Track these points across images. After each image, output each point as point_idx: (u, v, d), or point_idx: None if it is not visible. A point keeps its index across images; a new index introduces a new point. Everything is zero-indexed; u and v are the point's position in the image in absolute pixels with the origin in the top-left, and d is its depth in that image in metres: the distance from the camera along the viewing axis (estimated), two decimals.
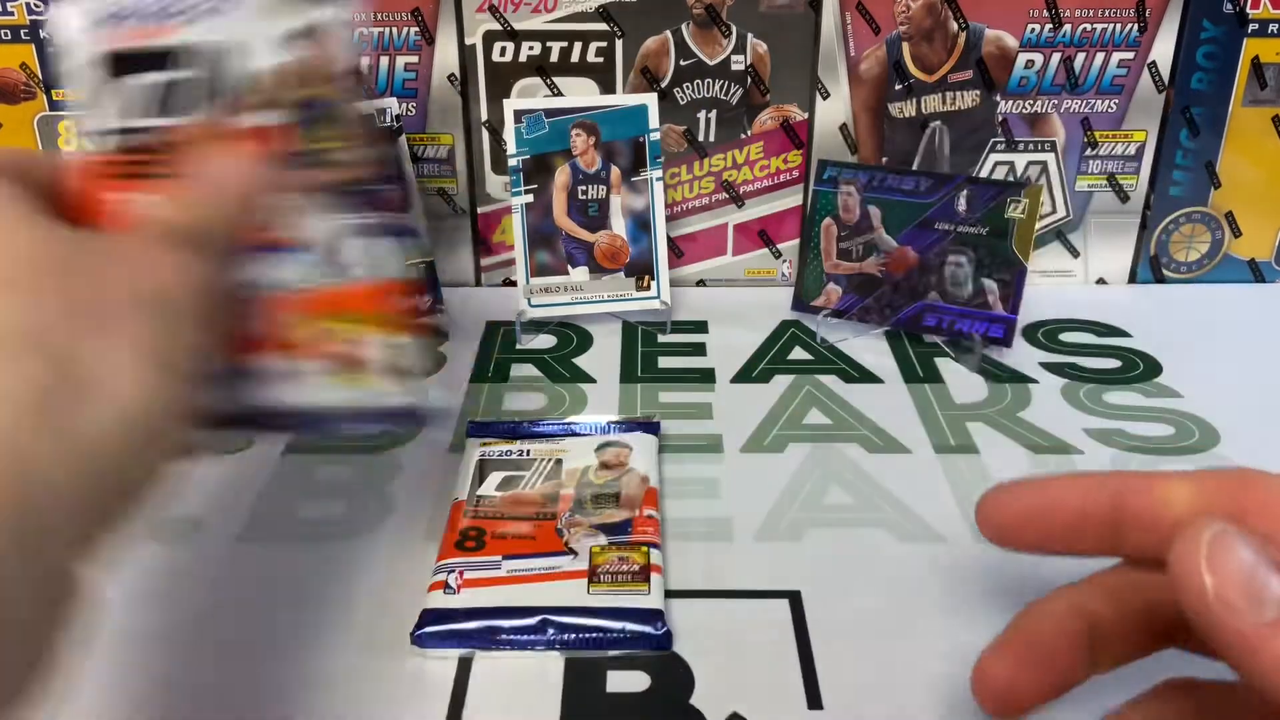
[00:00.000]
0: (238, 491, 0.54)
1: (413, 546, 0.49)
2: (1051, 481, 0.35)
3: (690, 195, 0.75)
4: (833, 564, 0.48)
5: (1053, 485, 0.34)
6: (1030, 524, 0.34)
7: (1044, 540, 0.34)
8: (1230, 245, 0.76)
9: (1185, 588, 0.27)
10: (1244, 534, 0.28)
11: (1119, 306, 0.74)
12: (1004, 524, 0.35)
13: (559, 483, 0.51)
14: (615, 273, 0.69)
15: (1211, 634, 0.27)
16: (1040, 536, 0.34)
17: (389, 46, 0.71)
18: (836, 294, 0.69)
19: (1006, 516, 0.35)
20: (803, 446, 0.57)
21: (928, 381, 0.64)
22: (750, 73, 0.71)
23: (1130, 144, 0.73)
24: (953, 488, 0.54)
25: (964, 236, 0.65)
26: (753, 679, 0.42)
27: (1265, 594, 0.27)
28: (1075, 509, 0.33)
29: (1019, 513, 0.34)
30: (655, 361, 0.66)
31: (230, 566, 0.48)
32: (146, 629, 0.44)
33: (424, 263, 0.69)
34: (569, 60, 0.71)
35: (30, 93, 0.73)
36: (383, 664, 0.42)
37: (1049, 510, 0.34)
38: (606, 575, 0.45)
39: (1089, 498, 0.33)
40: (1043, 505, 0.34)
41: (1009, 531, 0.35)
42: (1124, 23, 0.69)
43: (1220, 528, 0.28)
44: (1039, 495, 0.34)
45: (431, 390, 0.62)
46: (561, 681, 0.41)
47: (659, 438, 0.56)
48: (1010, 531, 0.35)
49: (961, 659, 0.42)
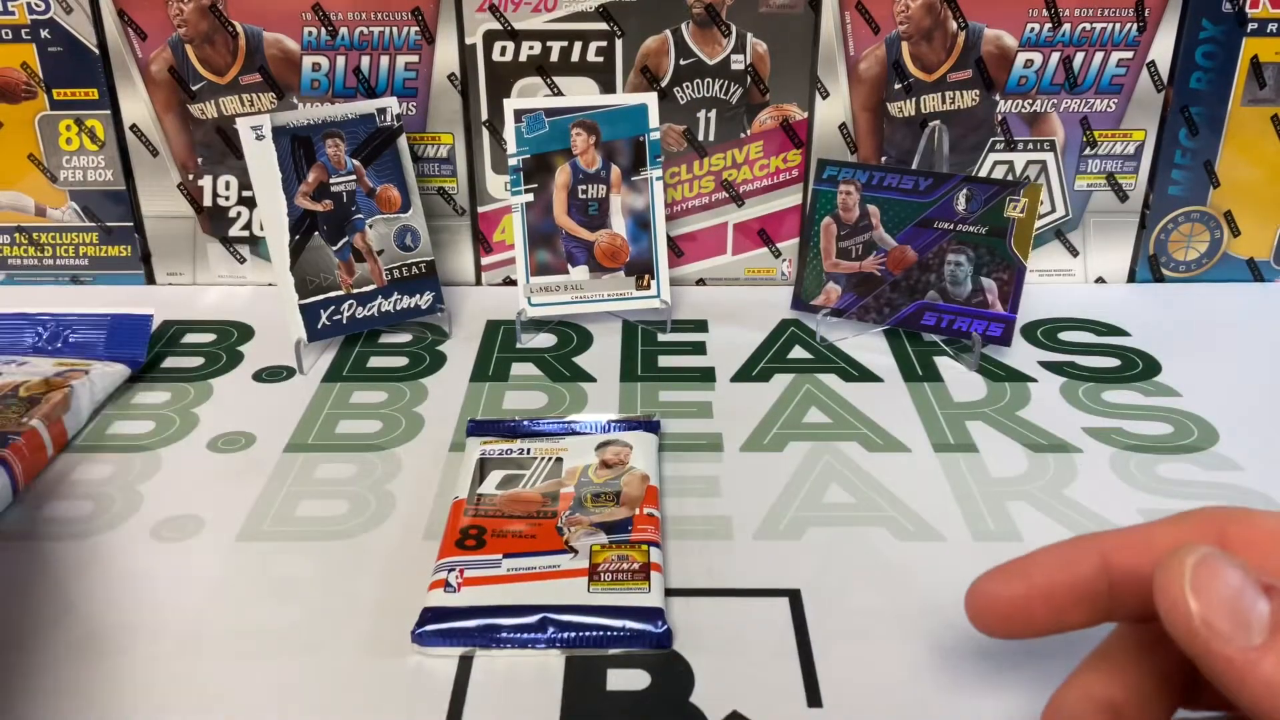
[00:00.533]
0: (238, 490, 0.54)
1: (413, 545, 0.49)
2: (1035, 563, 0.33)
3: (690, 194, 0.75)
4: (832, 562, 0.48)
5: (1037, 568, 0.33)
6: (1024, 613, 0.33)
7: (1042, 626, 0.33)
8: (1229, 244, 0.76)
9: (1171, 615, 0.27)
10: (1228, 557, 0.27)
11: (1118, 305, 0.74)
12: (997, 620, 0.34)
13: (559, 481, 0.51)
14: (615, 272, 0.69)
15: (1200, 660, 0.27)
16: (1038, 624, 0.33)
17: (389, 46, 0.71)
18: (836, 293, 0.69)
19: (999, 612, 0.34)
20: (802, 445, 0.57)
21: (927, 380, 0.64)
22: (750, 72, 0.72)
23: (1129, 143, 0.73)
24: (952, 486, 0.54)
25: (963, 235, 0.65)
26: (752, 677, 0.42)
27: (1251, 617, 0.26)
28: (1066, 586, 0.32)
29: (1011, 604, 0.33)
30: (655, 360, 0.67)
31: (231, 565, 0.48)
32: (147, 628, 0.44)
33: (425, 262, 0.69)
34: (569, 60, 0.71)
35: (31, 92, 0.73)
36: (383, 663, 0.43)
37: (1042, 595, 0.33)
38: (607, 574, 0.45)
39: (1077, 570, 0.32)
40: (1033, 592, 0.33)
41: (1003, 625, 0.34)
42: (1123, 22, 0.70)
43: (1204, 552, 0.27)
44: (1026, 582, 0.33)
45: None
46: (561, 679, 0.42)
47: (659, 436, 0.56)
48: (1005, 624, 0.34)
49: (962, 657, 0.43)
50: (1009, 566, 0.34)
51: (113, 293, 0.77)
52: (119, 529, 0.51)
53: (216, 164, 0.75)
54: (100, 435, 0.59)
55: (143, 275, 0.78)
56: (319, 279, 0.67)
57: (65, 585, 0.47)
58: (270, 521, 0.51)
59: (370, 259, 0.68)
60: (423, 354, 0.68)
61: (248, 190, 0.75)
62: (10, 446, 0.53)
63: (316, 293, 0.66)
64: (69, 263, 0.78)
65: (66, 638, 0.44)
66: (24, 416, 0.55)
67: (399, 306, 0.69)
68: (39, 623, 0.45)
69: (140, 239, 0.77)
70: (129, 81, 0.72)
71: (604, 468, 0.52)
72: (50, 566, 0.48)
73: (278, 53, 0.71)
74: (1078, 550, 0.33)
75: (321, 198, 0.66)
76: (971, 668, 0.42)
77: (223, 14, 0.70)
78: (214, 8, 0.70)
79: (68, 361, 0.63)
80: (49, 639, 0.44)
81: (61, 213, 0.76)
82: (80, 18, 0.71)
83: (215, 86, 0.72)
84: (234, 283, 0.78)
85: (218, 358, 0.67)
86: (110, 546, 0.50)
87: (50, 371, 0.61)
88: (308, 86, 0.72)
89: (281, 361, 0.67)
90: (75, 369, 0.61)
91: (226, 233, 0.77)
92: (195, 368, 0.66)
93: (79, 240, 0.77)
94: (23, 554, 0.49)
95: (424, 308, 0.69)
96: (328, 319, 0.67)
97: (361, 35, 0.71)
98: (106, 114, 0.73)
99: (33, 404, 0.57)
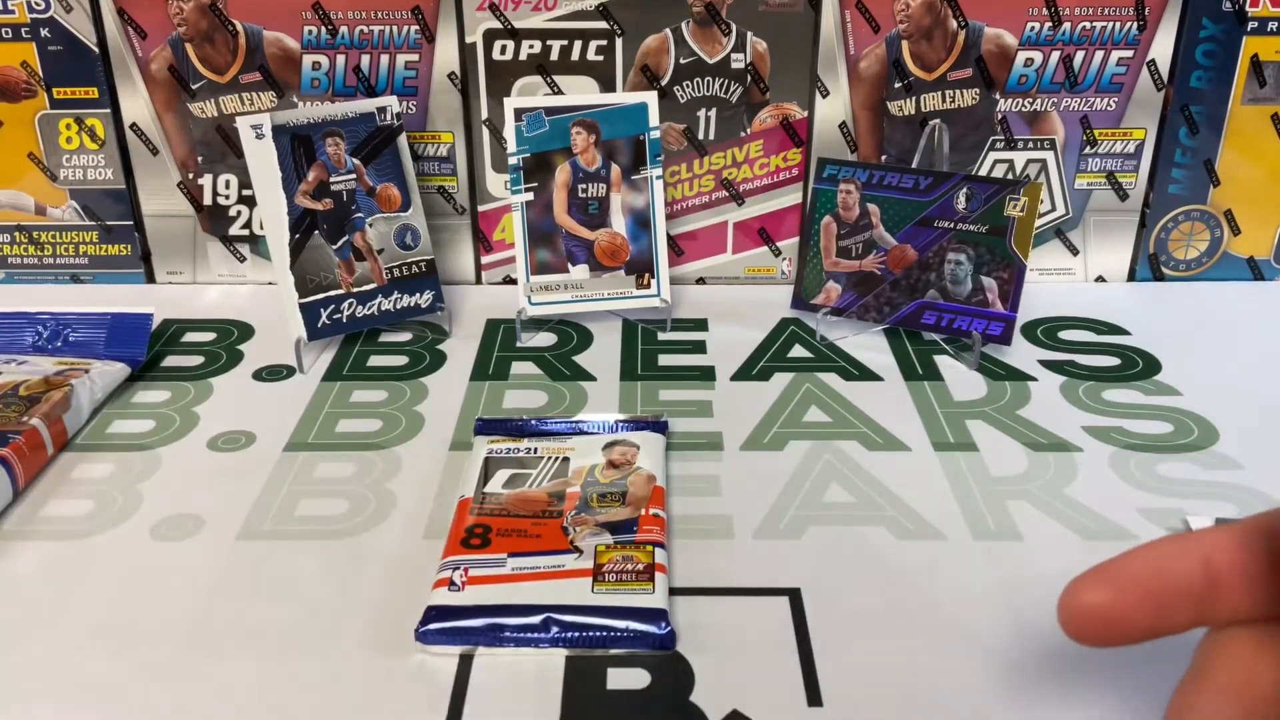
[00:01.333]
0: (238, 489, 0.54)
1: (413, 544, 0.49)
2: (1129, 567, 0.31)
3: (690, 193, 0.75)
4: (832, 561, 0.48)
5: (1132, 571, 0.31)
6: (1123, 619, 0.31)
7: (1142, 631, 0.31)
8: (1229, 243, 0.76)
9: None
10: None
11: (1118, 304, 0.74)
12: (1097, 627, 0.31)
13: (565, 481, 0.51)
14: (615, 271, 0.69)
15: None
16: (1137, 629, 0.31)
17: (389, 45, 0.71)
18: (836, 292, 0.69)
19: (1098, 618, 0.31)
20: (802, 444, 0.57)
21: (927, 379, 0.64)
22: (750, 71, 0.72)
23: (1129, 142, 0.73)
24: (952, 485, 0.54)
25: (963, 234, 0.65)
26: (753, 676, 0.42)
27: None
28: (1167, 587, 0.31)
29: (1110, 610, 0.31)
30: (655, 359, 0.67)
31: (231, 564, 0.48)
32: (146, 628, 0.44)
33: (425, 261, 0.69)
34: (569, 58, 0.71)
35: (31, 91, 0.73)
36: (383, 662, 0.43)
37: (1142, 599, 0.31)
38: (611, 574, 0.45)
39: (1177, 570, 0.30)
40: (1132, 596, 0.31)
41: (1103, 633, 0.31)
42: (1123, 21, 0.70)
43: None
44: (1123, 586, 0.31)
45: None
46: (562, 678, 0.42)
47: (666, 436, 0.56)
48: (1105, 632, 0.31)
49: (962, 656, 0.43)
50: (1102, 571, 0.32)
51: (113, 291, 0.77)
52: (119, 528, 0.51)
53: (216, 163, 0.75)
54: (100, 434, 0.59)
55: (143, 274, 0.78)
56: (319, 278, 0.67)
57: (65, 585, 0.47)
58: (270, 521, 0.51)
59: (370, 258, 0.68)
60: (423, 353, 0.68)
61: (248, 189, 0.75)
62: (10, 445, 0.53)
63: (316, 291, 0.66)
64: (69, 262, 0.78)
65: (66, 638, 0.44)
66: (24, 415, 0.55)
67: (399, 305, 0.69)
68: (39, 623, 0.45)
69: (140, 238, 0.77)
70: (129, 80, 0.72)
71: (610, 468, 0.52)
72: (50, 566, 0.48)
73: (278, 51, 0.71)
74: (1175, 549, 0.31)
75: (321, 196, 0.66)
76: (971, 668, 0.42)
77: (222, 13, 0.70)
78: (214, 6, 0.70)
79: (68, 360, 0.63)
80: (49, 639, 0.44)
81: (61, 211, 0.76)
82: (80, 16, 0.71)
83: (215, 85, 0.72)
84: (234, 281, 0.78)
85: (218, 357, 0.67)
86: (110, 546, 0.50)
87: (50, 370, 0.61)
88: (308, 85, 0.72)
89: (281, 360, 0.67)
90: (75, 368, 0.61)
91: (226, 231, 0.77)
92: (195, 367, 0.66)
93: (79, 239, 0.77)
94: (23, 554, 0.49)
95: (424, 307, 0.69)
96: (328, 318, 0.67)
97: (361, 34, 0.71)
98: (106, 113, 0.73)
99: (33, 403, 0.57)
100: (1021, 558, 0.48)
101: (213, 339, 0.70)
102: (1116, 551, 0.32)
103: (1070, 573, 0.33)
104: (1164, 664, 0.42)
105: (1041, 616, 0.45)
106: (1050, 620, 0.44)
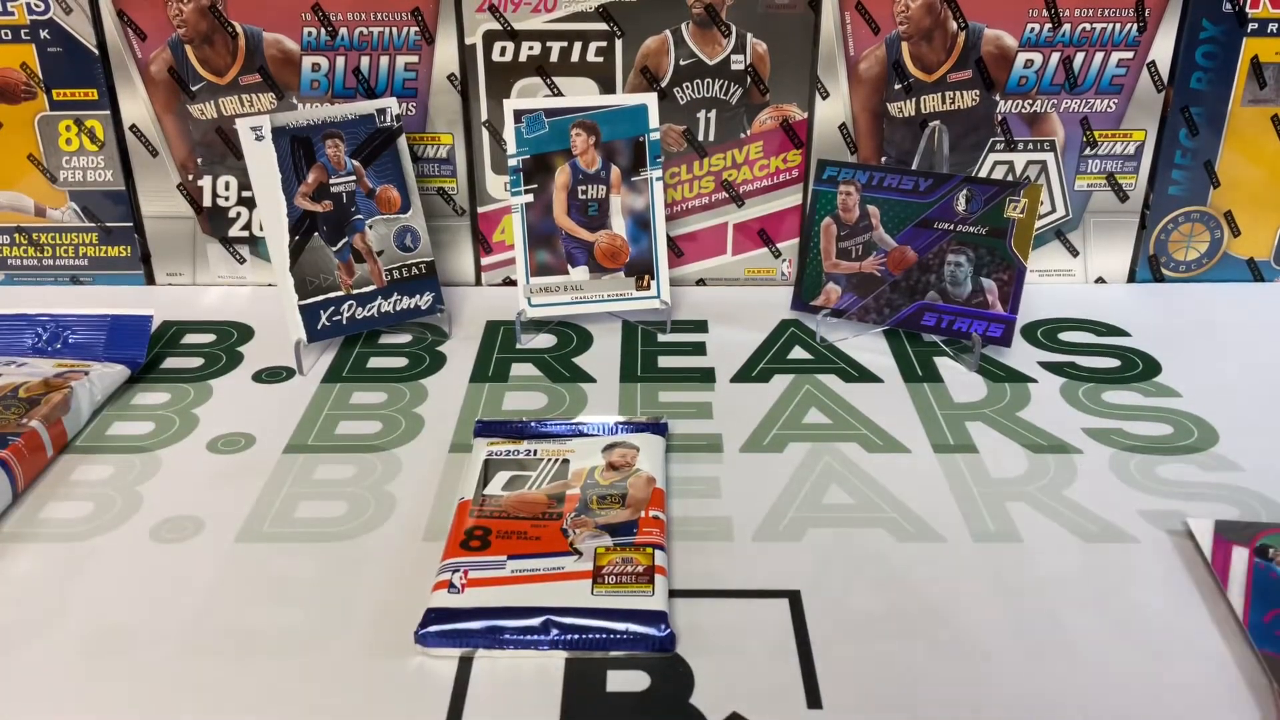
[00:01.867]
0: (237, 491, 0.54)
1: (412, 546, 0.49)
2: None
3: (690, 195, 0.75)
4: (832, 563, 0.48)
5: None
6: None
7: None
8: (1229, 244, 0.76)
9: None
10: None
11: (1118, 306, 0.74)
12: None
13: (565, 483, 0.51)
14: (615, 272, 0.69)
15: None
16: None
17: (389, 46, 0.71)
18: (836, 293, 0.69)
19: None
20: (802, 446, 0.57)
21: (927, 381, 0.64)
22: (750, 72, 0.72)
23: (1129, 143, 0.73)
24: (952, 487, 0.54)
25: (963, 236, 0.65)
26: (752, 678, 0.42)
27: None
28: None
29: None
30: (655, 361, 0.66)
31: (231, 566, 0.48)
32: (146, 628, 0.44)
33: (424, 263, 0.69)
34: (569, 60, 0.71)
35: (30, 92, 0.73)
36: (383, 663, 0.43)
37: None
38: (610, 576, 0.45)
39: None
40: None
41: None
42: (1123, 22, 0.70)
43: None
44: None
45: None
46: (561, 680, 0.42)
47: (666, 438, 0.56)
48: None
49: (962, 658, 0.43)
50: None
51: (112, 293, 0.77)
52: (118, 530, 0.51)
53: (216, 164, 0.75)
54: (100, 436, 0.59)
55: (142, 275, 0.78)
56: (319, 279, 0.67)
57: (65, 587, 0.47)
58: (270, 522, 0.51)
59: (370, 259, 0.68)
60: (422, 355, 0.68)
61: (247, 190, 0.75)
62: (10, 447, 0.53)
63: (316, 293, 0.66)
64: (69, 263, 0.78)
65: (66, 639, 0.44)
66: (23, 417, 0.55)
67: (399, 307, 0.69)
68: (39, 624, 0.45)
69: (140, 239, 0.77)
70: (129, 82, 0.72)
71: (610, 470, 0.52)
72: (50, 568, 0.48)
73: (277, 53, 0.71)
74: None
75: (321, 198, 0.66)
76: (971, 669, 0.42)
77: (222, 14, 0.70)
78: (213, 8, 0.70)
79: (67, 362, 0.63)
80: (49, 639, 0.44)
81: (61, 213, 0.76)
82: (80, 18, 0.71)
83: (215, 87, 0.72)
84: (234, 283, 0.78)
85: (217, 358, 0.67)
86: (110, 548, 0.50)
87: (50, 372, 0.61)
88: (307, 87, 0.72)
89: (281, 362, 0.67)
90: (75, 370, 0.61)
91: (226, 233, 0.77)
92: (195, 368, 0.66)
93: (79, 240, 0.77)
94: (22, 556, 0.49)
95: (424, 308, 0.69)
96: (327, 319, 0.67)
97: (361, 35, 0.71)
98: (106, 114, 0.73)
99: (32, 405, 0.57)
100: (1021, 559, 0.48)
101: (212, 341, 0.70)
102: (1116, 552, 0.32)
103: (1070, 574, 0.33)
104: (1164, 663, 0.42)
105: (1041, 618, 0.45)
106: (1049, 621, 0.44)
